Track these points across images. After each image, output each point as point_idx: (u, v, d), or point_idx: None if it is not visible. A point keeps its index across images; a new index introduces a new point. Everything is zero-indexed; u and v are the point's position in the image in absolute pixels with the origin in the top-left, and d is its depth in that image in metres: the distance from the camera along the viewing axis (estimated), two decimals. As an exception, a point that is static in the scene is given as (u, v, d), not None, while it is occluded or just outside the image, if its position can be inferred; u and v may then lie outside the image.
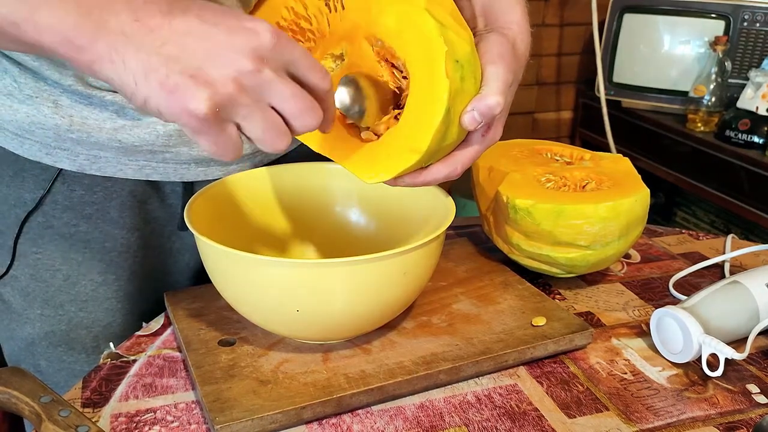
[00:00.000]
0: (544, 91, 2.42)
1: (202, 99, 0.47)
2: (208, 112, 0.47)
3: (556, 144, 0.89)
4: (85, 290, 0.77)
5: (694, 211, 2.18)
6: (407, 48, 0.59)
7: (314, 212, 0.80)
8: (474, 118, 0.59)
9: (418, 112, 0.59)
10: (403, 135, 0.59)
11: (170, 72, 0.47)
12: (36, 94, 0.68)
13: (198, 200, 0.70)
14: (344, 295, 0.61)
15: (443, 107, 0.57)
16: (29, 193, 0.73)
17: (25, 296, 0.76)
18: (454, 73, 0.57)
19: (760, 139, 1.76)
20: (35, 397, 0.56)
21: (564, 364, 0.69)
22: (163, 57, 0.47)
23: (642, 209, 0.76)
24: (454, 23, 0.59)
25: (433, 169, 0.61)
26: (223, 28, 0.48)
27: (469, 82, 0.59)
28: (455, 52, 0.57)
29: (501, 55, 0.62)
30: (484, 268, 0.82)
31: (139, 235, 0.78)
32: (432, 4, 0.58)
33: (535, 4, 2.29)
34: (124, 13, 0.47)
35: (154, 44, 0.47)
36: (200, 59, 0.47)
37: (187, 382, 0.65)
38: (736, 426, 0.61)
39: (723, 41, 1.86)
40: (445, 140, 0.59)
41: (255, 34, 0.48)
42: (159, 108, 0.48)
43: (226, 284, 0.65)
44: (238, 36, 0.48)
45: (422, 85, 0.58)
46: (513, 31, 0.66)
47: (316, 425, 0.61)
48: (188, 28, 0.48)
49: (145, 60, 0.47)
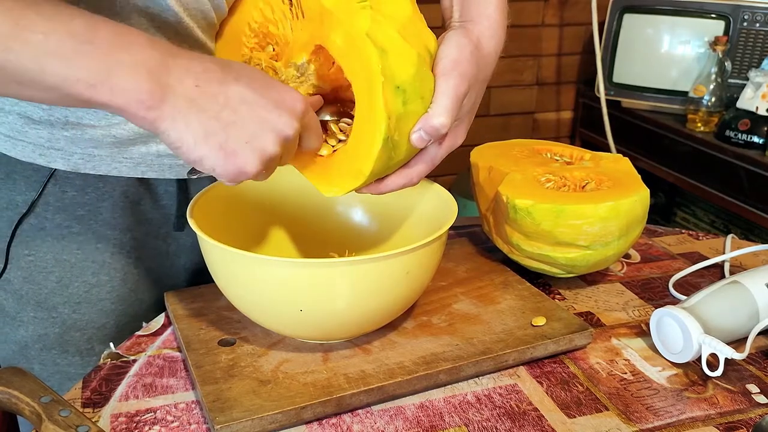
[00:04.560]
0: (544, 91, 2.42)
1: (256, 161, 0.55)
2: (258, 171, 0.56)
3: (556, 144, 0.89)
4: (79, 292, 0.76)
5: (694, 211, 2.17)
6: (352, 71, 0.60)
7: (316, 212, 0.80)
8: (421, 137, 0.62)
9: (361, 137, 0.61)
10: (351, 157, 0.62)
11: (229, 137, 0.54)
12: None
13: (200, 200, 0.70)
14: (347, 295, 0.61)
15: (381, 137, 0.59)
16: (21, 195, 0.73)
17: (18, 299, 0.76)
18: (394, 100, 0.59)
19: (760, 139, 1.76)
20: (35, 397, 0.56)
21: (564, 364, 0.69)
22: (222, 123, 0.54)
23: (642, 209, 0.76)
24: (400, 42, 0.59)
25: (388, 182, 0.66)
26: (270, 99, 0.56)
27: (415, 104, 0.60)
28: (395, 78, 0.58)
29: (456, 63, 0.63)
30: (484, 268, 0.82)
31: (132, 236, 0.78)
32: (377, 24, 0.58)
33: (535, 4, 2.29)
34: (188, 80, 0.53)
35: (213, 109, 0.54)
36: (254, 127, 0.55)
37: (187, 382, 0.65)
38: (736, 426, 0.61)
39: (723, 41, 1.86)
40: (392, 159, 0.62)
41: (293, 105, 0.57)
42: (215, 167, 0.55)
43: (229, 284, 0.65)
44: (282, 107, 0.56)
45: (364, 112, 0.60)
46: (481, 27, 0.67)
47: (316, 425, 0.61)
48: (242, 97, 0.55)
49: (206, 123, 0.53)
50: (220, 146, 0.54)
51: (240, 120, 0.54)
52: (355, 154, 0.62)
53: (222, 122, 0.54)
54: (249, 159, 0.55)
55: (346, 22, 0.59)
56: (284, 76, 0.66)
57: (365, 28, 0.58)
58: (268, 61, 0.67)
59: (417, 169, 0.66)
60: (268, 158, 0.56)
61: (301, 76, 0.66)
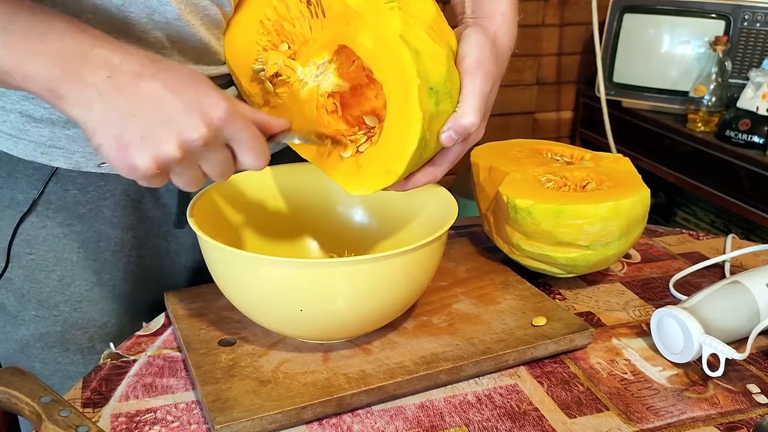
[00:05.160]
0: (545, 91, 2.42)
1: (147, 158, 0.54)
2: (148, 170, 0.54)
3: (556, 144, 0.89)
4: (80, 290, 0.76)
5: (694, 211, 2.17)
6: (383, 72, 0.61)
7: (317, 212, 0.80)
8: (451, 136, 0.63)
9: (394, 137, 0.61)
10: (382, 157, 0.63)
11: (125, 129, 0.54)
12: (30, 95, 0.68)
13: (200, 200, 0.70)
14: (348, 295, 0.61)
15: (417, 137, 0.59)
16: (22, 193, 0.73)
17: (19, 298, 0.76)
18: (428, 101, 0.59)
19: (760, 139, 1.76)
20: (35, 397, 0.56)
21: (564, 364, 0.69)
22: (122, 114, 0.54)
23: (642, 209, 0.76)
24: (430, 43, 0.59)
25: (415, 179, 0.66)
26: (183, 99, 0.55)
27: (445, 104, 0.61)
28: (429, 80, 0.59)
29: (479, 62, 0.63)
30: (484, 268, 0.82)
31: (133, 234, 0.78)
32: (408, 26, 0.58)
33: (535, 4, 2.29)
34: (101, 71, 0.54)
35: (117, 101, 0.54)
36: (154, 124, 0.54)
37: (187, 382, 0.65)
38: (737, 426, 0.61)
39: (723, 41, 1.86)
40: (422, 157, 0.63)
41: (208, 110, 0.55)
42: (108, 157, 0.55)
43: (230, 284, 0.65)
44: (193, 109, 0.55)
45: (398, 112, 0.60)
46: (496, 23, 0.68)
47: (316, 425, 0.61)
48: (151, 93, 0.54)
49: (107, 114, 0.54)
50: (115, 137, 0.54)
51: (142, 115, 0.54)
52: (387, 154, 0.62)
53: (122, 114, 0.54)
54: (140, 155, 0.54)
55: (375, 23, 0.59)
56: (303, 76, 0.66)
57: (398, 29, 0.58)
58: (287, 60, 0.67)
59: (442, 167, 0.66)
60: (162, 158, 0.54)
61: (320, 75, 0.66)
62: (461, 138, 0.63)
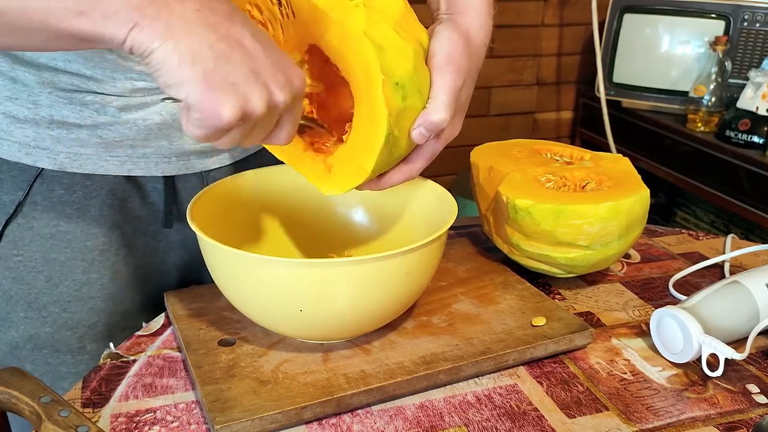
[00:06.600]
0: (544, 91, 2.42)
1: (235, 108, 0.50)
2: (232, 120, 0.50)
3: (556, 144, 0.89)
4: (68, 291, 0.76)
5: (694, 211, 2.17)
6: (349, 69, 0.60)
7: (316, 212, 0.80)
8: (421, 133, 0.62)
9: (362, 135, 0.61)
10: (351, 155, 0.63)
11: (216, 69, 0.49)
12: (14, 95, 0.68)
13: (200, 200, 0.70)
14: (347, 295, 0.61)
15: (383, 133, 0.59)
16: (7, 195, 0.73)
17: (7, 300, 0.76)
18: (394, 96, 0.59)
19: (760, 139, 1.76)
20: (35, 397, 0.56)
21: (564, 364, 0.69)
22: (215, 53, 0.49)
23: (642, 209, 0.76)
24: (395, 38, 0.59)
25: (389, 177, 0.65)
26: (271, 58, 0.52)
27: (414, 99, 0.61)
28: (394, 75, 0.58)
29: (450, 58, 0.63)
30: (484, 268, 0.82)
31: (120, 233, 0.78)
32: (372, 21, 0.58)
33: (535, 4, 2.29)
34: (189, 3, 0.49)
35: (209, 37, 0.49)
36: (247, 72, 0.50)
37: (187, 382, 0.65)
38: (736, 426, 0.61)
39: (723, 41, 1.86)
40: (393, 155, 0.62)
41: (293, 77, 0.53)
42: (190, 93, 0.49)
43: (229, 284, 0.65)
44: (280, 71, 0.52)
45: (364, 109, 0.60)
46: (469, 19, 0.67)
47: (316, 425, 0.61)
48: (242, 39, 0.51)
49: (197, 47, 0.49)
50: (205, 74, 0.49)
51: (235, 60, 0.50)
52: (356, 152, 0.62)
53: (215, 52, 0.49)
54: (229, 102, 0.50)
55: (340, 21, 0.59)
56: None
57: (361, 26, 0.58)
58: None
59: (417, 164, 0.66)
60: (248, 111, 0.51)
61: None
62: (433, 134, 0.63)
